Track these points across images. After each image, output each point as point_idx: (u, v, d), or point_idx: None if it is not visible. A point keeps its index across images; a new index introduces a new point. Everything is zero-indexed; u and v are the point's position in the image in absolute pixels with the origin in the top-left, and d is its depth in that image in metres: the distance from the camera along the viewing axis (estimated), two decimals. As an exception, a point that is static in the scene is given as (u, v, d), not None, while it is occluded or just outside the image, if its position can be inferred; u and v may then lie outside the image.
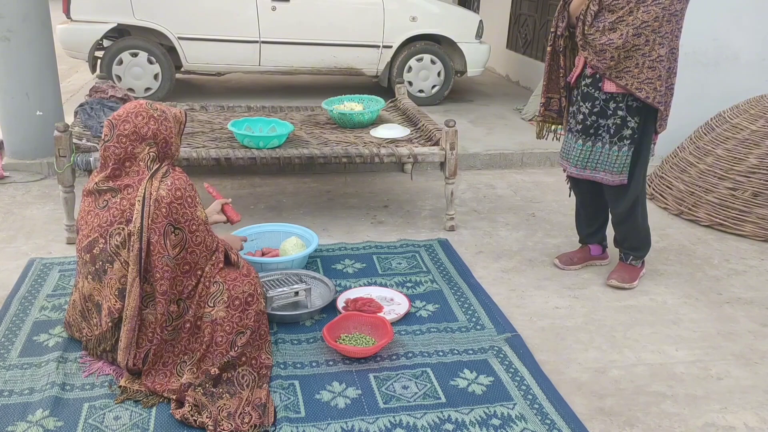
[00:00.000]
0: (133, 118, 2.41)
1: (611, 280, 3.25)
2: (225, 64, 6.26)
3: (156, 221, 2.31)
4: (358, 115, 4.01)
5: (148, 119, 2.42)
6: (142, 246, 2.30)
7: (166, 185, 2.35)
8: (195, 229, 2.38)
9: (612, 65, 2.90)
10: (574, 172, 3.18)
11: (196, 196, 2.43)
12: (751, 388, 2.54)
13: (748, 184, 3.99)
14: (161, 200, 2.32)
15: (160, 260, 2.32)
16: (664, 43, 2.85)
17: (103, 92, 3.98)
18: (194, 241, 2.38)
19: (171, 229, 2.33)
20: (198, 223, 2.40)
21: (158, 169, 2.41)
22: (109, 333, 2.39)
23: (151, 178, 2.37)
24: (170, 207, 2.33)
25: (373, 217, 4.03)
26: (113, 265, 2.34)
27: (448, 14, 6.48)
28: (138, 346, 2.35)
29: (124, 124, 2.40)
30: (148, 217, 2.30)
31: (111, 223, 2.35)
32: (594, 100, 3.03)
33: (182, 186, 2.38)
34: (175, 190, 2.35)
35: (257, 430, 2.15)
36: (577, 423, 2.25)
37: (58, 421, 2.16)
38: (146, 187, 2.34)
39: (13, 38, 4.28)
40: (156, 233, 2.31)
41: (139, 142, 2.40)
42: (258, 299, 2.46)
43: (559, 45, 3.12)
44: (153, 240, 2.31)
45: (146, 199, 2.32)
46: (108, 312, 2.36)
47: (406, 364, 2.54)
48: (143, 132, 2.40)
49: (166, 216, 2.32)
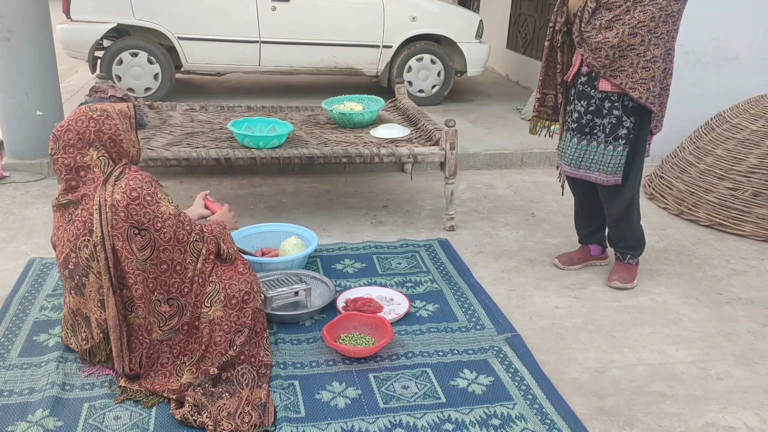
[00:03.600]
0: (74, 125, 2.34)
1: (613, 282, 3.25)
2: (225, 64, 6.26)
3: (116, 227, 2.25)
4: (358, 115, 4.01)
5: (88, 122, 2.34)
6: (107, 255, 2.26)
7: (120, 188, 2.29)
8: (161, 227, 2.31)
9: (607, 64, 2.90)
10: (569, 170, 3.18)
11: (157, 192, 2.35)
12: (751, 388, 2.54)
13: (748, 184, 3.99)
14: (117, 205, 2.26)
15: (129, 265, 2.27)
16: (659, 43, 2.85)
17: (103, 92, 3.97)
18: (163, 238, 2.31)
19: (135, 231, 2.27)
20: (164, 218, 2.32)
21: (112, 173, 2.34)
22: (102, 344, 2.37)
23: (105, 184, 2.30)
24: (128, 210, 2.27)
25: (373, 217, 4.03)
26: (89, 278, 2.31)
27: (448, 14, 6.48)
28: (131, 350, 2.34)
29: (67, 133, 2.33)
30: (107, 224, 2.25)
31: (77, 236, 2.31)
32: (589, 99, 3.03)
33: (137, 185, 2.31)
34: (130, 191, 2.28)
35: (257, 430, 2.15)
36: (577, 423, 2.25)
37: (58, 421, 2.16)
38: (100, 193, 2.28)
39: (13, 38, 4.28)
40: (119, 239, 2.26)
41: (86, 148, 2.34)
42: (255, 297, 2.45)
43: (557, 40, 3.12)
44: (118, 246, 2.26)
45: (101, 206, 2.26)
46: (97, 324, 2.34)
47: (406, 364, 2.54)
48: (86, 136, 2.33)
49: (125, 220, 2.26)
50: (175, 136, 3.76)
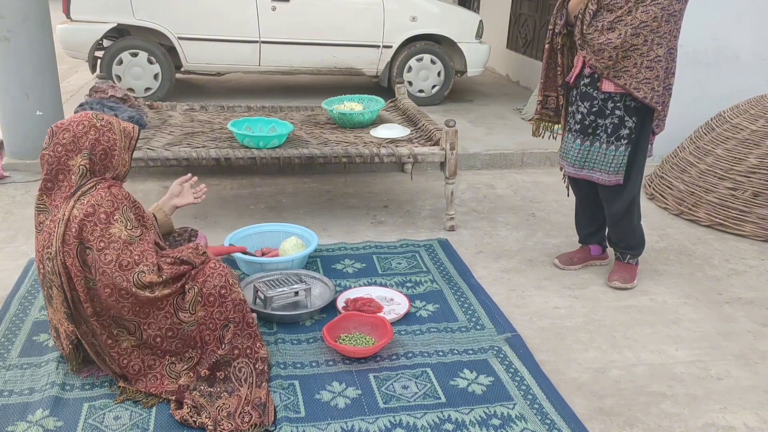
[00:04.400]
0: (74, 126, 2.29)
1: (614, 282, 3.25)
2: (225, 64, 6.26)
3: (67, 243, 2.20)
4: (358, 115, 4.01)
5: (89, 128, 2.29)
6: (58, 270, 2.21)
7: (81, 203, 2.22)
8: (103, 247, 2.19)
9: (610, 65, 2.90)
10: (571, 171, 3.19)
11: (115, 212, 2.24)
12: (751, 388, 2.54)
13: (748, 184, 3.99)
14: (72, 220, 2.20)
15: (79, 283, 2.21)
16: (662, 43, 2.85)
17: (103, 92, 3.98)
18: (103, 260, 2.19)
19: (83, 248, 2.21)
20: (109, 240, 2.20)
21: (81, 186, 2.26)
22: (72, 354, 2.35)
23: (71, 197, 2.24)
24: (80, 225, 2.19)
25: (373, 217, 4.03)
26: (53, 291, 2.28)
27: (448, 14, 6.48)
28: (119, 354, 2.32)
29: (63, 132, 2.27)
30: (59, 238, 2.20)
31: (43, 247, 2.27)
32: (592, 100, 3.03)
33: (97, 202, 2.22)
34: (87, 207, 2.20)
35: (257, 430, 2.15)
36: (577, 423, 2.25)
37: (58, 421, 2.16)
38: (63, 207, 2.24)
39: (13, 38, 4.29)
40: (69, 255, 2.20)
41: (75, 152, 2.27)
42: (231, 289, 2.34)
43: (557, 43, 3.11)
44: (68, 263, 2.20)
45: (61, 220, 2.22)
46: (66, 335, 2.31)
47: (406, 364, 2.54)
48: (81, 142, 2.27)
49: (76, 236, 2.19)
50: (175, 136, 3.76)
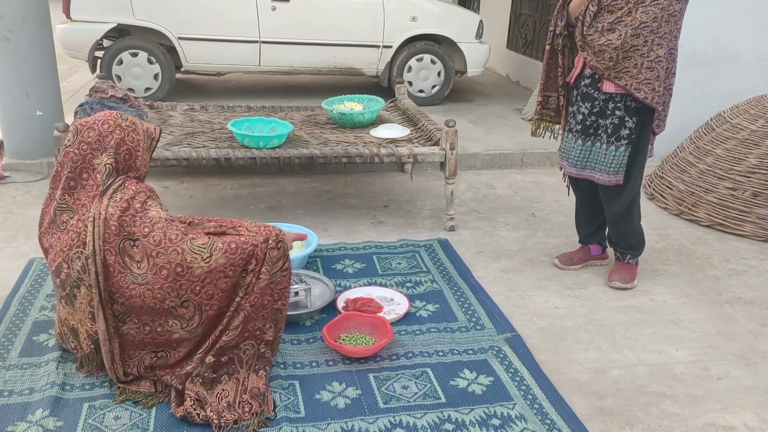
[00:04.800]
0: (99, 125, 2.32)
1: (614, 282, 3.25)
2: (225, 64, 6.26)
3: (108, 241, 2.22)
4: (358, 115, 4.01)
5: (114, 128, 2.33)
6: (97, 269, 2.21)
7: (115, 201, 2.25)
8: (149, 231, 2.24)
9: (611, 66, 2.90)
10: (572, 171, 3.19)
11: (148, 200, 2.31)
12: (751, 388, 2.54)
13: (748, 184, 3.99)
14: (110, 218, 2.22)
15: (123, 279, 2.23)
16: (662, 43, 2.85)
17: (103, 92, 3.98)
18: (153, 242, 2.23)
19: (130, 243, 2.24)
20: (152, 222, 2.25)
21: (111, 185, 2.30)
22: (92, 354, 2.35)
23: (102, 196, 2.27)
24: (119, 222, 2.23)
25: (373, 217, 4.03)
26: (80, 290, 2.28)
27: (448, 14, 6.48)
28: (126, 359, 2.32)
29: (88, 131, 2.31)
30: (99, 238, 2.22)
31: (70, 247, 2.27)
32: (593, 101, 3.03)
33: (130, 196, 2.28)
34: (122, 203, 2.25)
35: (258, 419, 2.17)
36: (577, 423, 2.25)
37: (58, 421, 2.16)
38: (96, 206, 2.25)
39: (13, 38, 4.28)
40: (111, 253, 2.22)
41: (100, 151, 2.31)
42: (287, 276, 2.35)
43: (558, 44, 3.12)
44: (110, 260, 2.22)
45: (96, 219, 2.23)
46: (87, 335, 2.31)
47: (406, 364, 2.54)
48: (106, 140, 2.31)
49: (117, 233, 2.22)
50: (175, 136, 3.76)
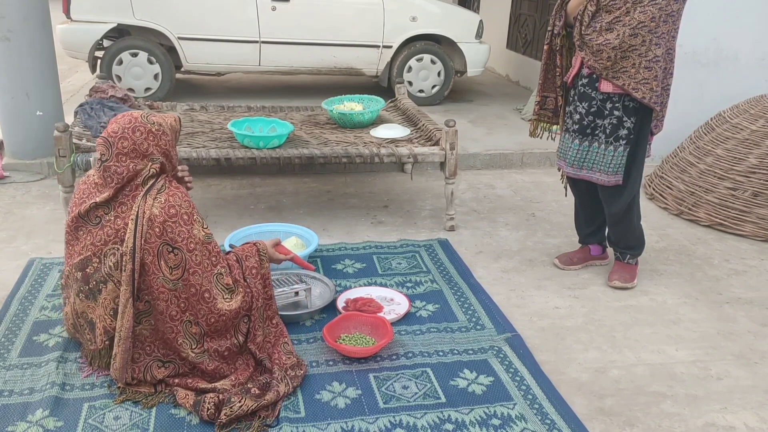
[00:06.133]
0: (131, 134, 2.29)
1: (614, 282, 3.25)
2: (225, 64, 6.26)
3: (149, 241, 2.23)
4: (358, 115, 4.01)
5: (146, 134, 2.31)
6: (134, 267, 2.22)
7: (160, 203, 2.26)
8: (193, 248, 2.29)
9: (608, 65, 2.90)
10: (570, 171, 3.19)
11: (194, 213, 2.34)
12: (751, 388, 2.54)
13: (748, 184, 3.99)
14: (154, 219, 2.24)
15: (155, 281, 2.25)
16: (660, 43, 2.85)
17: (103, 92, 3.98)
18: (194, 260, 2.29)
19: (168, 248, 2.25)
20: (195, 242, 2.30)
21: (153, 185, 2.31)
22: (104, 350, 2.36)
23: (145, 196, 2.28)
24: (164, 226, 2.25)
25: (373, 217, 4.03)
26: (107, 286, 2.28)
27: (448, 14, 6.48)
28: (134, 361, 2.32)
29: (121, 141, 2.28)
30: (141, 237, 2.22)
31: (105, 242, 2.28)
32: (591, 101, 3.03)
33: (177, 203, 2.29)
34: (168, 208, 2.26)
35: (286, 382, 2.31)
36: (577, 423, 2.25)
37: (58, 421, 2.16)
38: (140, 205, 2.25)
39: (13, 38, 4.28)
40: (150, 254, 2.24)
41: (140, 158, 2.31)
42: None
43: (556, 44, 3.12)
44: (147, 261, 2.24)
45: (139, 217, 2.23)
46: (104, 331, 2.32)
47: (406, 364, 2.54)
48: (142, 148, 2.30)
49: (159, 236, 2.24)
50: (175, 136, 3.75)
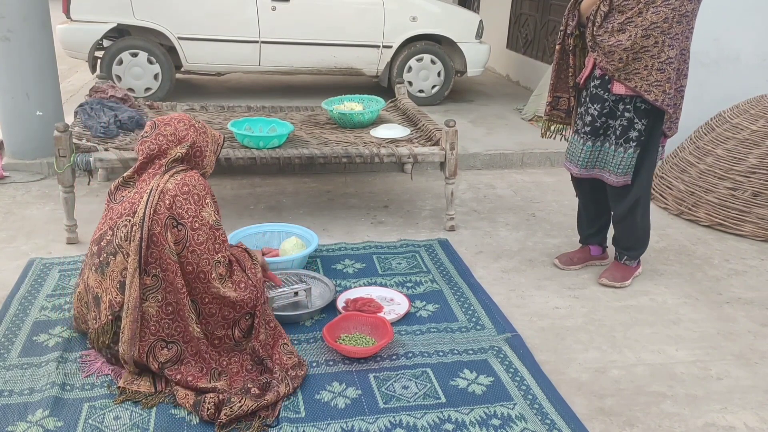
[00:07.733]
0: (176, 123, 2.51)
1: (602, 279, 3.25)
2: (225, 64, 6.26)
3: (158, 212, 2.32)
4: (358, 115, 4.01)
5: (189, 128, 2.51)
6: (142, 236, 2.30)
7: (175, 180, 2.39)
8: (197, 228, 2.36)
9: (620, 67, 2.87)
10: (579, 172, 3.16)
11: (207, 196, 2.43)
12: (751, 388, 2.54)
13: (748, 184, 3.99)
14: (166, 192, 2.35)
15: (163, 252, 2.31)
16: (673, 44, 2.81)
17: (103, 92, 3.98)
18: (196, 240, 2.35)
19: (173, 222, 2.33)
20: (202, 222, 2.38)
21: (174, 167, 2.45)
22: (107, 326, 2.37)
23: (163, 174, 2.41)
24: (174, 200, 2.34)
25: (373, 217, 4.03)
26: (116, 257, 2.34)
27: (448, 14, 6.48)
28: (141, 338, 2.33)
29: (166, 126, 2.49)
30: (151, 207, 2.32)
31: (120, 215, 2.38)
32: (603, 102, 3.01)
33: (192, 183, 2.41)
34: (182, 185, 2.38)
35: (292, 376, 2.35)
36: (577, 423, 2.25)
37: (58, 421, 2.16)
38: (156, 180, 2.38)
39: (13, 38, 4.28)
40: (158, 224, 2.31)
41: (175, 143, 2.48)
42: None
43: (569, 44, 3.08)
44: (155, 231, 2.31)
45: (153, 190, 2.35)
46: (109, 305, 2.35)
47: (406, 364, 2.54)
48: (181, 135, 2.49)
49: (168, 208, 2.33)
50: (175, 136, 3.75)
